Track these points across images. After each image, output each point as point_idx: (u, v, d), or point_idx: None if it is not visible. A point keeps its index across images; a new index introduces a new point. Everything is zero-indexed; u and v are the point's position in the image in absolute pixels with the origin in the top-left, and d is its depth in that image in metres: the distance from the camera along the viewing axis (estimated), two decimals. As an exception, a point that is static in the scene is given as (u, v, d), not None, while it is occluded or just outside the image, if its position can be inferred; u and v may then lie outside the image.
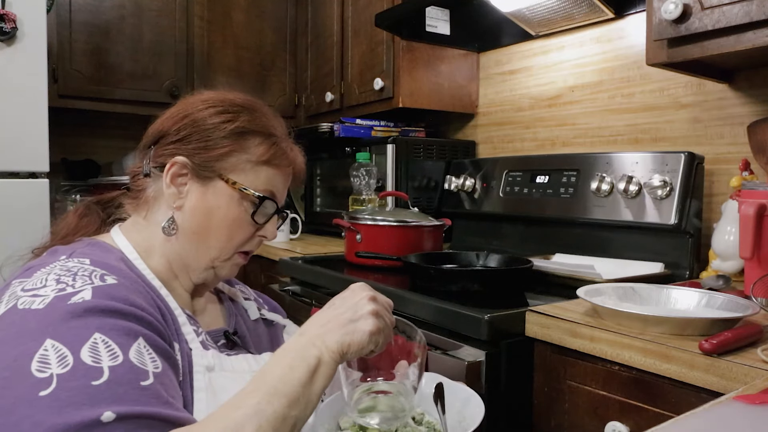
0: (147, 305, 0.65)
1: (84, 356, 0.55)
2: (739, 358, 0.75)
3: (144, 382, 0.57)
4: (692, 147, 1.51)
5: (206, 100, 0.80)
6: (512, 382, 1.03)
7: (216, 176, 0.77)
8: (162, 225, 0.77)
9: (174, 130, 0.78)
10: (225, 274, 0.82)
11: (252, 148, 0.78)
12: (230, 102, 0.80)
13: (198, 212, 0.77)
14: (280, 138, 0.82)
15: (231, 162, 0.77)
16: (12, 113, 1.73)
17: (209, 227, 0.77)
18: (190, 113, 0.78)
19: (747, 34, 1.05)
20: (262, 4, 2.69)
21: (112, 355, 0.57)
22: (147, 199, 0.80)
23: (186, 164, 0.76)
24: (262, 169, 0.79)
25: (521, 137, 2.04)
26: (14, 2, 1.72)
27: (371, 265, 1.56)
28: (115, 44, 2.36)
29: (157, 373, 0.59)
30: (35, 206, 1.76)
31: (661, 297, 1.03)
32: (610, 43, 1.74)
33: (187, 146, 0.77)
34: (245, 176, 0.78)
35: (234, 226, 0.78)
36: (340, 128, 2.19)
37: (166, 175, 0.76)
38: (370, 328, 0.65)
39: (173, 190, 0.77)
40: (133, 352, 0.59)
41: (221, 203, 0.77)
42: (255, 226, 0.80)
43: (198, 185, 0.77)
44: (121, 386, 0.55)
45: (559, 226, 1.64)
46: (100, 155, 2.62)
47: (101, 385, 0.54)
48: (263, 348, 0.87)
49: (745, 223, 1.03)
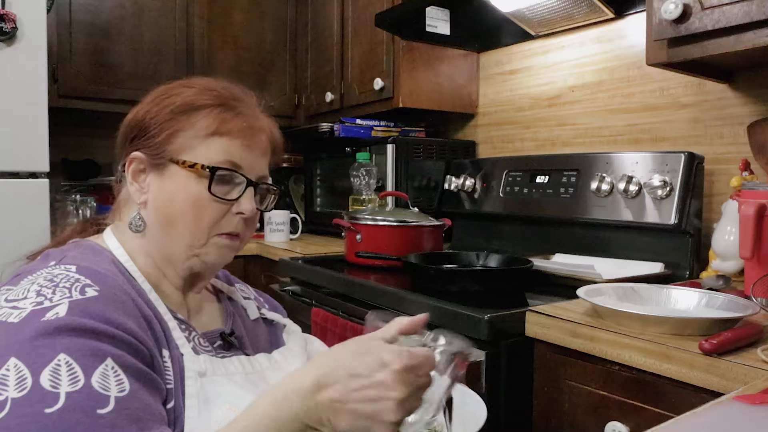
0: (126, 320, 0.64)
1: (43, 380, 0.55)
2: (739, 358, 0.75)
3: (101, 409, 0.55)
4: (692, 147, 1.51)
5: (163, 92, 0.80)
6: (512, 382, 1.03)
7: (167, 161, 0.75)
8: (128, 223, 0.77)
9: (129, 129, 0.79)
10: (212, 260, 0.78)
11: (198, 123, 0.75)
12: (182, 84, 0.79)
13: (161, 203, 0.76)
14: (232, 105, 0.78)
15: (179, 143, 0.75)
16: (12, 113, 1.73)
17: (174, 214, 0.75)
18: (137, 111, 0.79)
19: (747, 34, 1.05)
20: (262, 4, 2.69)
21: (73, 379, 0.56)
22: (119, 203, 0.81)
23: (141, 158, 0.76)
24: (212, 141, 0.75)
25: (521, 137, 2.04)
26: (14, 2, 1.72)
27: (371, 265, 1.56)
28: (115, 44, 2.35)
29: (121, 397, 0.57)
30: (35, 206, 1.76)
31: (661, 297, 1.03)
32: (610, 43, 1.74)
33: (141, 140, 0.77)
34: (196, 152, 0.74)
35: (196, 206, 0.74)
36: (340, 128, 2.19)
37: (128, 174, 0.77)
38: (393, 419, 0.56)
39: (136, 187, 0.77)
40: (97, 375, 0.57)
41: (179, 187, 0.74)
42: (224, 203, 0.75)
43: (156, 176, 0.76)
44: (75, 414, 0.54)
45: (559, 226, 1.64)
46: (100, 155, 2.62)
47: (53, 414, 0.53)
48: (262, 348, 0.86)
49: (745, 223, 1.03)
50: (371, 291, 1.30)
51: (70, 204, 2.12)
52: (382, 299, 1.25)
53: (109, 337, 0.60)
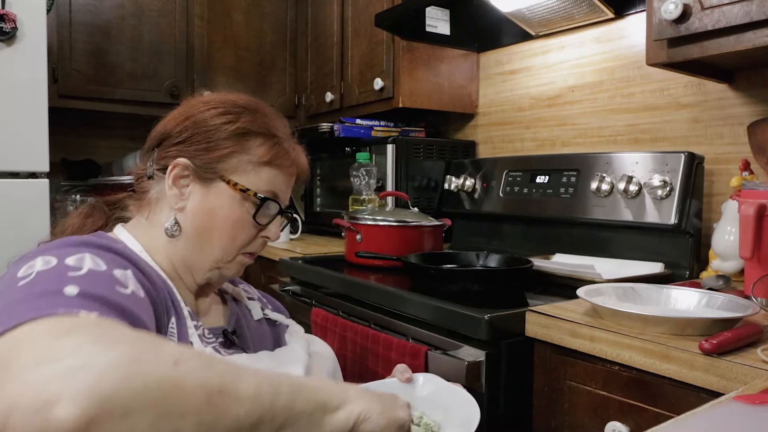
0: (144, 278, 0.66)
1: (68, 260, 0.58)
2: (739, 358, 0.75)
3: (120, 288, 0.58)
4: (692, 147, 1.51)
5: (208, 102, 0.80)
6: (512, 383, 1.03)
7: (217, 177, 0.77)
8: (165, 226, 0.77)
9: (176, 132, 0.79)
10: (231, 274, 0.82)
11: (253, 149, 0.78)
12: (232, 103, 0.80)
13: (200, 214, 0.77)
14: (282, 138, 0.82)
15: (232, 163, 0.77)
16: (12, 113, 1.73)
17: (212, 228, 0.77)
18: (192, 115, 0.79)
19: (747, 34, 1.05)
20: (262, 4, 2.69)
21: (96, 264, 0.59)
22: (150, 201, 0.80)
23: (188, 166, 0.77)
24: (263, 170, 0.79)
25: (521, 137, 2.04)
26: (14, 2, 1.72)
27: (371, 265, 1.56)
28: (115, 44, 2.36)
29: (134, 293, 0.60)
30: (35, 206, 1.76)
31: (661, 297, 1.03)
32: (610, 43, 1.74)
33: (189, 148, 0.77)
34: (247, 177, 0.78)
35: (236, 227, 0.78)
36: (340, 128, 2.19)
37: (169, 177, 0.77)
38: (405, 417, 0.63)
39: (175, 192, 0.77)
40: (118, 272, 0.61)
41: (223, 204, 0.77)
42: (257, 227, 0.80)
43: (200, 187, 0.77)
44: (96, 281, 0.56)
45: (559, 226, 1.64)
46: (100, 155, 2.62)
47: (76, 276, 0.56)
48: (265, 347, 0.87)
49: (745, 223, 1.03)
50: (371, 291, 1.30)
51: (70, 204, 2.12)
52: (382, 299, 1.25)
53: (135, 269, 0.65)
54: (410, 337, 1.15)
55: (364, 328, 1.20)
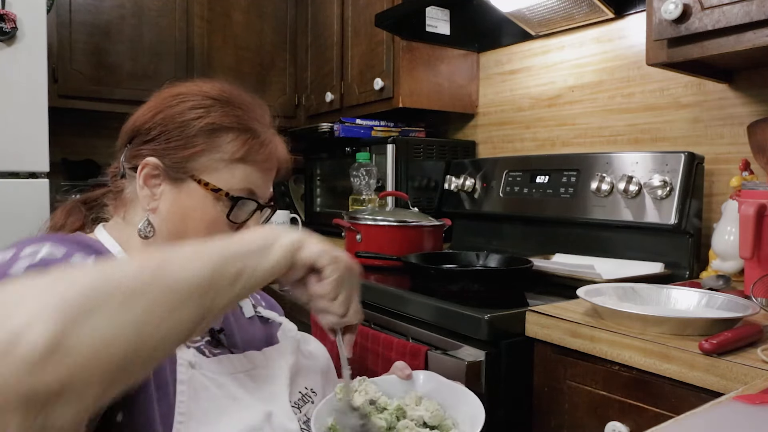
0: None
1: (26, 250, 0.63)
2: (739, 358, 0.75)
3: None
4: (692, 147, 1.51)
5: (178, 95, 0.77)
6: (512, 383, 1.03)
7: (188, 177, 0.73)
8: (138, 227, 0.75)
9: (145, 129, 0.76)
10: None
11: (225, 146, 0.74)
12: (203, 95, 0.77)
13: (173, 215, 0.74)
14: (257, 131, 0.77)
15: (203, 162, 0.74)
16: (12, 113, 1.73)
17: (186, 230, 0.74)
18: (161, 110, 0.76)
19: (747, 34, 1.05)
20: (262, 4, 2.69)
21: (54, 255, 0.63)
22: (125, 200, 0.78)
23: (158, 165, 0.74)
24: (237, 167, 0.75)
25: (521, 137, 2.04)
26: (14, 2, 1.72)
27: (371, 265, 1.56)
28: (115, 44, 2.35)
29: None
30: (35, 206, 1.76)
31: (661, 297, 1.03)
32: (610, 43, 1.74)
33: (158, 146, 0.74)
34: (219, 176, 0.74)
35: (211, 227, 0.74)
36: (340, 128, 2.19)
37: (139, 177, 0.74)
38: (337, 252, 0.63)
39: (147, 192, 0.75)
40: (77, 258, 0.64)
41: (196, 205, 0.74)
42: (234, 226, 0.76)
43: (171, 187, 0.74)
44: None
45: (559, 226, 1.64)
46: (100, 155, 2.62)
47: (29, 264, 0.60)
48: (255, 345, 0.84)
49: (745, 223, 1.03)
50: (371, 291, 1.30)
51: (70, 204, 2.12)
52: (383, 299, 1.25)
53: None
54: (410, 337, 1.15)
55: (364, 328, 1.20)
